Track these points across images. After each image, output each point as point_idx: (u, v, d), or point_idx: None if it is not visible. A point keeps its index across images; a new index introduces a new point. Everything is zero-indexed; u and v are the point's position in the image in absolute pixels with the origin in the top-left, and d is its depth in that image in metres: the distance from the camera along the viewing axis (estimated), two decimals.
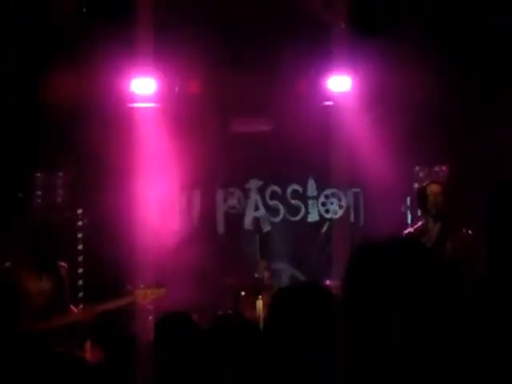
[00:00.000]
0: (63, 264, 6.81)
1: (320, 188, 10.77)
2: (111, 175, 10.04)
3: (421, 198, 8.21)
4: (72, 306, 6.73)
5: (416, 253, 1.85)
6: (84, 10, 8.67)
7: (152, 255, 10.02)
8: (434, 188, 8.12)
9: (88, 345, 7.24)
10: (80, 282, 9.99)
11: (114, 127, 9.83)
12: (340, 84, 10.12)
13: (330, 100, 10.16)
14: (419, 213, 10.31)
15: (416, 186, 10.43)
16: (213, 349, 3.79)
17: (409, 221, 10.51)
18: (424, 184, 8.57)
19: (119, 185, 10.13)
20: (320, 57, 9.90)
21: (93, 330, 7.02)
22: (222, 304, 9.49)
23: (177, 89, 10.02)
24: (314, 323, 2.55)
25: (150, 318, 9.26)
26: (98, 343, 7.23)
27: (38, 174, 10.14)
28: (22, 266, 6.44)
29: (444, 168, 10.39)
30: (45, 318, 6.32)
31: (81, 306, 7.15)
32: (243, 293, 9.42)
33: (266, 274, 9.77)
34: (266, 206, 10.69)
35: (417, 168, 10.45)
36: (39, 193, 10.12)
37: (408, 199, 10.53)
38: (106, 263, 9.65)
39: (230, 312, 8.94)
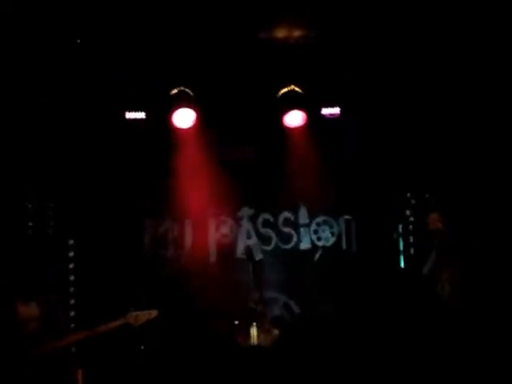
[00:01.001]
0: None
1: (312, 216, 10.79)
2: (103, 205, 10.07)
3: None
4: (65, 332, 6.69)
5: None
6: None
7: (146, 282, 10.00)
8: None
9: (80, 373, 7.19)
10: (72, 313, 9.91)
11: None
12: (331, 112, 10.14)
13: (320, 128, 10.16)
14: (411, 240, 10.37)
15: (408, 212, 10.46)
16: None
17: (401, 248, 10.49)
18: None
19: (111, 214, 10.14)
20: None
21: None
22: (216, 332, 9.47)
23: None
24: None
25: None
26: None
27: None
28: (9, 292, 6.44)
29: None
30: (37, 343, 6.29)
31: (73, 331, 7.11)
32: (237, 322, 9.37)
33: (260, 303, 9.74)
34: (258, 234, 10.70)
35: (408, 195, 10.44)
36: (30, 224, 10.07)
37: (400, 226, 10.51)
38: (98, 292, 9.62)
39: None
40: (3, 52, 8.69)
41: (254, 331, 8.92)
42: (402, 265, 10.34)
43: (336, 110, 10.08)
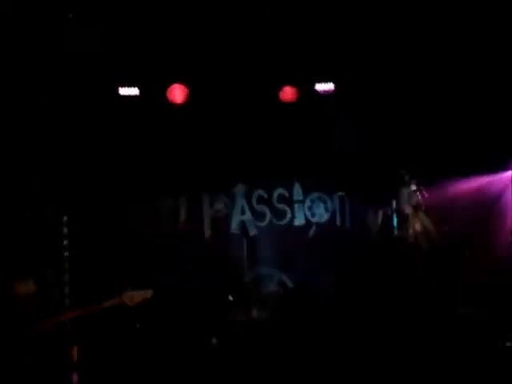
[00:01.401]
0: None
1: (306, 192, 10.80)
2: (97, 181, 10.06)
3: None
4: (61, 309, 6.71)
5: None
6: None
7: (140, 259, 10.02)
8: None
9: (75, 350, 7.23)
10: (66, 290, 9.92)
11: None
12: (323, 88, 10.13)
13: (315, 103, 10.16)
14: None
15: (402, 188, 10.47)
16: None
17: (395, 223, 10.52)
18: None
19: (107, 191, 10.14)
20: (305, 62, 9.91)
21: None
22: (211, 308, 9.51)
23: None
24: None
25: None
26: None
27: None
28: (8, 270, 6.45)
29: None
30: (33, 321, 6.30)
31: (69, 309, 7.13)
32: (231, 297, 9.41)
33: (255, 279, 9.82)
34: (252, 210, 10.72)
35: (402, 171, 10.44)
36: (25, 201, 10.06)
37: (394, 202, 10.53)
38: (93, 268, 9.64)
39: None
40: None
41: (248, 306, 8.95)
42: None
43: (330, 86, 10.08)
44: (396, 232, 10.18)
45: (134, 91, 10.01)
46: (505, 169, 10.22)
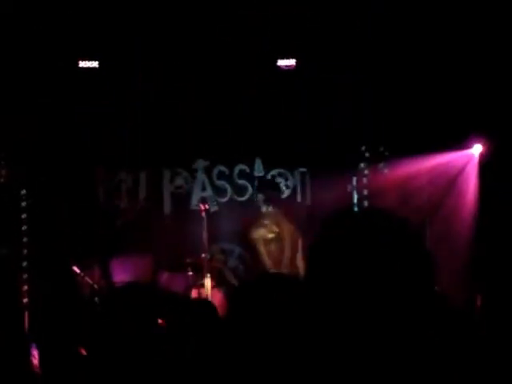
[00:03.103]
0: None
1: (267, 168, 10.80)
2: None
3: None
4: None
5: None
6: None
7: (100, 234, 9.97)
8: None
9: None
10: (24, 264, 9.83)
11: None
12: (286, 63, 10.10)
13: (276, 79, 10.13)
14: (366, 192, 10.44)
15: (362, 165, 10.52)
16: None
17: (355, 200, 10.56)
18: None
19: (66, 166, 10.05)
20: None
21: None
22: (171, 282, 9.49)
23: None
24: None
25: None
26: None
27: None
28: None
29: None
30: None
31: None
32: (190, 272, 9.39)
33: (219, 254, 9.81)
34: (213, 186, 10.69)
35: (363, 148, 10.48)
36: None
37: (354, 179, 10.56)
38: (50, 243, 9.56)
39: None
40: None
41: (207, 283, 8.93)
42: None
43: (291, 62, 10.05)
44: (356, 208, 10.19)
45: (93, 64, 9.90)
46: (465, 147, 10.29)
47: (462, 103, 9.61)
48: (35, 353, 6.16)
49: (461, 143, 10.15)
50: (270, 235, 8.76)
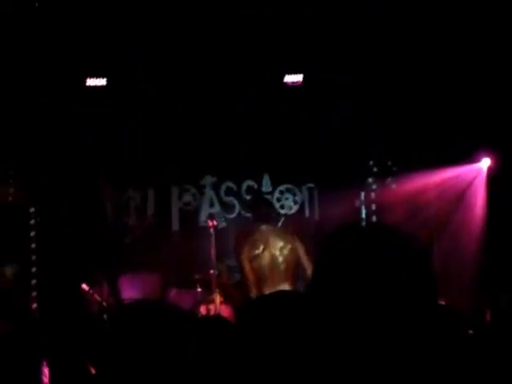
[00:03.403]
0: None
1: (275, 183, 10.80)
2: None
3: None
4: None
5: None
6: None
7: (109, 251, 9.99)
8: None
9: None
10: (33, 281, 9.84)
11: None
12: (294, 80, 10.10)
13: (283, 95, 10.14)
14: (374, 207, 10.43)
15: (370, 180, 10.51)
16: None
17: (363, 215, 10.55)
18: None
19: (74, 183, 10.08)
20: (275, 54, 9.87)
21: None
22: (180, 298, 9.46)
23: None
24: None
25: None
26: None
27: None
28: None
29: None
30: None
31: None
32: (199, 288, 9.37)
33: (225, 271, 9.78)
34: (221, 202, 10.70)
35: (371, 163, 10.48)
36: None
37: (362, 194, 10.56)
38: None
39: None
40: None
41: (217, 298, 8.91)
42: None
43: (299, 78, 10.06)
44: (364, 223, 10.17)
45: (101, 82, 9.93)
46: (473, 161, 10.28)
47: (470, 117, 9.59)
48: (46, 370, 6.16)
49: (469, 157, 10.13)
50: (256, 252, 8.70)
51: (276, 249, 8.59)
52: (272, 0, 8.90)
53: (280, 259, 8.54)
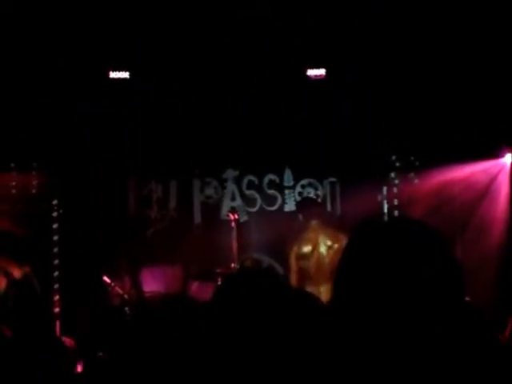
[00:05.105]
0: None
1: (297, 178, 10.78)
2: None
3: None
4: None
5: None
6: None
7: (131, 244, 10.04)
8: None
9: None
10: (56, 273, 9.90)
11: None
12: (316, 73, 10.08)
13: (306, 89, 10.12)
14: (396, 202, 10.38)
15: (392, 175, 10.46)
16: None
17: (385, 210, 10.50)
18: None
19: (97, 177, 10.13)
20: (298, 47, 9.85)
21: None
22: (201, 292, 9.48)
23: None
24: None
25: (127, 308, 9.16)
26: None
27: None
28: None
29: None
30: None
31: None
32: (220, 282, 9.38)
33: (248, 264, 9.78)
34: (242, 195, 10.70)
35: (393, 157, 10.43)
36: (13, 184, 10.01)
37: (384, 189, 10.51)
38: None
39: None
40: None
41: None
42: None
43: (321, 72, 10.03)
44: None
45: (123, 75, 9.96)
46: (496, 156, 10.21)
47: (494, 112, 9.53)
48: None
49: (492, 152, 10.06)
50: (306, 250, 8.71)
51: (324, 248, 8.62)
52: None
53: (327, 260, 8.56)
